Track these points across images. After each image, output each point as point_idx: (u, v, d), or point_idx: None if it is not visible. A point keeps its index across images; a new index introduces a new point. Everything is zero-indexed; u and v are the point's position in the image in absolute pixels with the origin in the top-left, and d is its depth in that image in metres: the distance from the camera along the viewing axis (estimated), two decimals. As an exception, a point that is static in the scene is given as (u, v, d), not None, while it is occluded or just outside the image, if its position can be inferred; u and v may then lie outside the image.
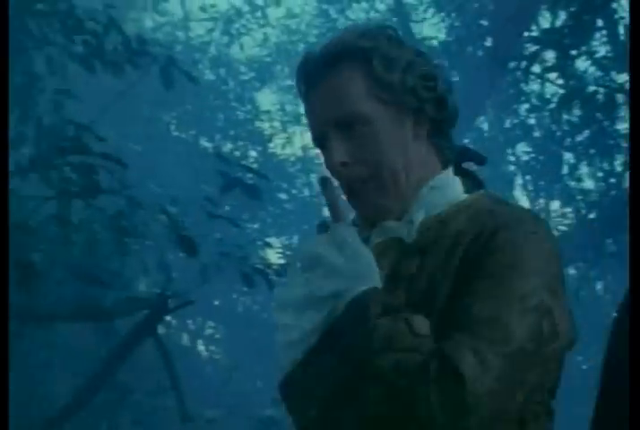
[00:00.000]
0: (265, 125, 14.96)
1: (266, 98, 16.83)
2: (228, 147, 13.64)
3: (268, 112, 15.27)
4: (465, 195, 1.76)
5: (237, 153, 13.54)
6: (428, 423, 1.51)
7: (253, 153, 14.17)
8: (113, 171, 5.51)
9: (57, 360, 7.29)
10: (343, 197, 1.78)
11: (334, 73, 1.73)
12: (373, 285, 1.63)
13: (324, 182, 1.73)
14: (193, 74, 6.58)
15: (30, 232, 5.61)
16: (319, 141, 1.76)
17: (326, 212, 1.77)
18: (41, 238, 5.79)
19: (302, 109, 1.83)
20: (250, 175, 6.56)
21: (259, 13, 15.78)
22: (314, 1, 15.51)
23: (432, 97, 1.74)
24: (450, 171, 1.79)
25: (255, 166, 11.64)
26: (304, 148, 15.18)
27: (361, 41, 1.73)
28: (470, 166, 1.85)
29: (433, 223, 1.71)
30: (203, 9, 14.89)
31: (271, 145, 14.69)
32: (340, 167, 1.71)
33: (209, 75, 14.11)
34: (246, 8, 15.58)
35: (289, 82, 15.08)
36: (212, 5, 14.92)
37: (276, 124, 15.39)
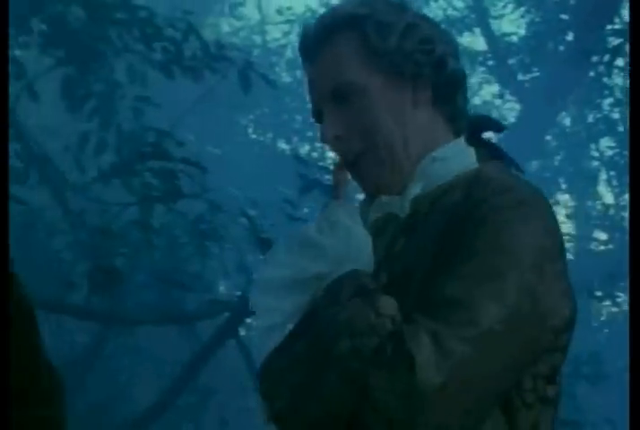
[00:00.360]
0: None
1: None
2: (305, 148, 13.68)
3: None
4: (474, 166, 1.64)
5: (315, 154, 13.57)
6: (383, 411, 1.41)
7: (330, 154, 14.19)
8: (193, 175, 5.57)
9: (141, 363, 7.38)
10: None
11: (330, 45, 1.66)
12: (358, 267, 1.53)
13: (337, 162, 1.66)
14: (270, 77, 6.63)
15: (113, 237, 5.69)
16: (317, 116, 1.69)
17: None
18: (123, 243, 5.87)
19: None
20: (328, 176, 6.57)
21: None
22: None
23: (430, 60, 1.65)
24: (460, 141, 1.67)
25: (332, 167, 11.63)
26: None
27: (356, 9, 1.67)
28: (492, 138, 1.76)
29: (427, 197, 1.61)
30: (279, 12, 14.96)
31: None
32: (334, 141, 1.64)
33: (285, 78, 14.17)
34: (322, 9, 15.61)
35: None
36: (289, 8, 14.99)
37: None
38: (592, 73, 10.16)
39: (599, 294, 10.53)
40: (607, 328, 14.01)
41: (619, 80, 10.53)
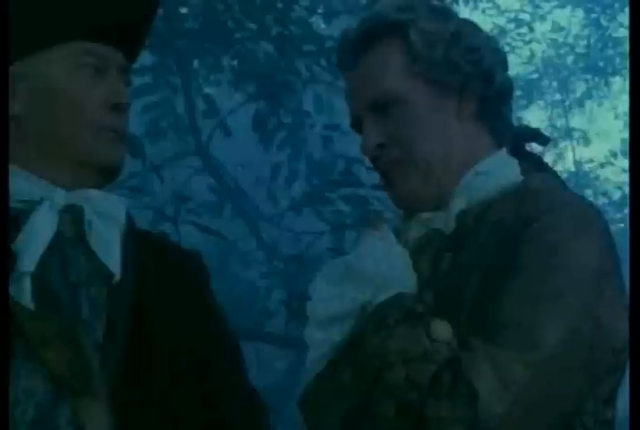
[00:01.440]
0: (533, 145, 14.76)
1: (534, 116, 16.62)
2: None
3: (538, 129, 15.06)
4: (519, 179, 1.57)
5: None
6: None
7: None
8: (385, 201, 5.60)
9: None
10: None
11: (371, 52, 1.60)
12: (401, 290, 1.47)
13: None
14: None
15: (307, 265, 5.79)
16: (356, 125, 1.63)
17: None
18: (317, 271, 5.95)
19: (572, 123, 1.74)
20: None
21: (524, 30, 15.62)
22: (581, 11, 15.18)
23: (477, 71, 1.57)
24: (502, 153, 1.60)
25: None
26: (576, 163, 14.86)
27: (397, 14, 1.58)
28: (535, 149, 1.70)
29: (473, 212, 1.55)
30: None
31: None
32: (375, 150, 1.58)
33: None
34: (510, 26, 15.46)
35: (558, 97, 14.78)
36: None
37: (546, 140, 15.17)
38: None
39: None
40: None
41: None
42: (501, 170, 1.58)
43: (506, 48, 15.24)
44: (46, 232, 1.56)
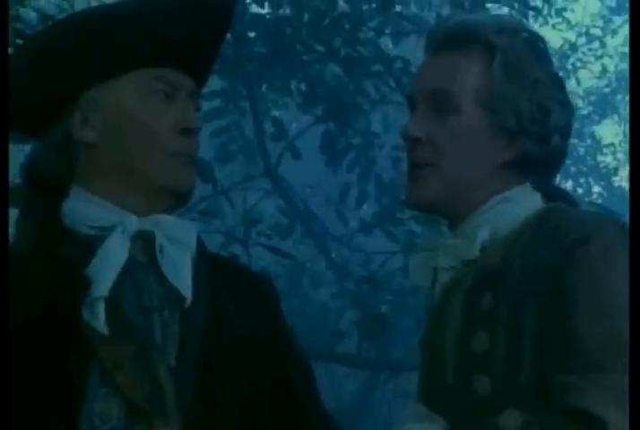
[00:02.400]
0: (609, 159, 14.59)
1: (608, 130, 16.44)
2: (569, 184, 13.43)
3: (611, 145, 14.88)
4: (541, 206, 1.58)
5: (580, 190, 13.29)
6: None
7: (596, 188, 13.86)
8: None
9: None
10: None
11: (456, 50, 1.60)
12: None
13: None
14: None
15: (378, 285, 5.79)
16: (409, 103, 1.62)
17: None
18: (389, 291, 5.96)
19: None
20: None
21: (596, 44, 15.48)
22: (652, 25, 15.00)
23: (536, 131, 1.57)
24: (527, 185, 1.60)
25: (599, 201, 11.38)
26: (651, 178, 14.64)
27: (494, 34, 1.59)
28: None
29: (502, 243, 1.55)
30: (535, 47, 14.81)
31: (616, 179, 14.29)
32: (411, 142, 1.59)
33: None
34: (581, 41, 15.33)
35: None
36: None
37: (620, 156, 14.96)
38: None
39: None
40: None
41: None
42: (526, 200, 1.59)
43: (578, 64, 15.12)
44: (118, 257, 1.58)
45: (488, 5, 6.15)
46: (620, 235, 1.49)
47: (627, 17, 15.18)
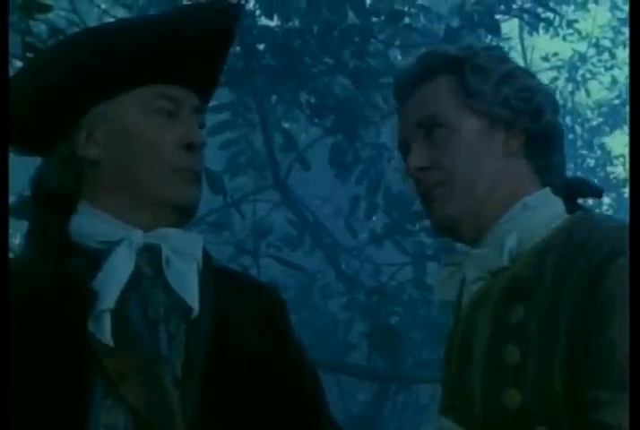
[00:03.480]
0: (619, 170, 14.57)
1: (618, 141, 16.42)
2: (580, 196, 13.42)
3: (621, 156, 14.86)
4: (566, 216, 1.59)
5: (590, 202, 13.28)
6: None
7: (607, 200, 13.84)
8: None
9: (422, 421, 7.41)
10: None
11: (425, 84, 1.65)
12: None
13: None
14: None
15: (388, 297, 5.79)
16: (402, 148, 1.67)
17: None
18: (399, 302, 5.95)
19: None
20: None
21: (606, 56, 15.47)
22: (662, 36, 14.97)
23: (526, 107, 1.62)
24: (548, 190, 1.62)
25: (610, 212, 11.35)
26: (662, 190, 14.61)
27: (457, 52, 1.66)
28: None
29: (532, 254, 1.54)
30: (545, 59, 14.81)
31: (626, 190, 14.27)
32: (417, 173, 1.61)
33: (556, 124, 13.97)
34: (591, 52, 15.32)
35: (642, 123, 14.55)
36: (555, 54, 14.82)
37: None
38: None
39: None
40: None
41: None
42: (548, 206, 1.59)
43: (588, 75, 15.12)
44: (124, 271, 1.59)
45: (498, 17, 6.16)
46: None
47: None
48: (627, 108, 15.54)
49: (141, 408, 1.52)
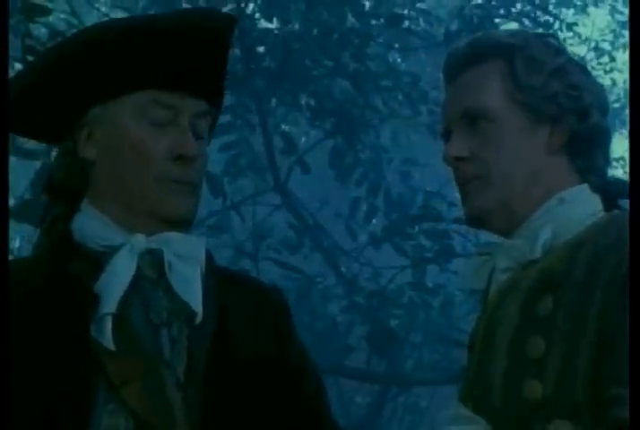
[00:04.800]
0: (619, 173, 14.58)
1: (618, 145, 16.42)
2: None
3: (621, 159, 14.87)
4: (603, 214, 1.55)
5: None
6: None
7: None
8: (466, 234, 5.59)
9: (422, 423, 7.41)
10: None
11: (475, 68, 1.61)
12: None
13: None
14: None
15: (387, 300, 5.79)
16: (445, 135, 1.63)
17: None
18: (398, 305, 5.96)
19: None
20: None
21: (605, 59, 15.48)
22: (662, 40, 14.97)
23: (574, 107, 1.57)
24: (586, 186, 1.58)
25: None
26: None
27: (509, 38, 1.61)
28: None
29: (565, 248, 1.52)
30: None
31: (626, 193, 14.29)
32: (454, 162, 1.59)
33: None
34: (590, 55, 15.34)
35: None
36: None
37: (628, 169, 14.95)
38: None
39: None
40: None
41: None
42: (585, 202, 1.57)
43: (587, 78, 15.11)
44: (125, 275, 1.58)
45: (497, 20, 6.17)
46: None
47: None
48: (627, 111, 15.55)
49: (142, 413, 1.51)
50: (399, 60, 6.83)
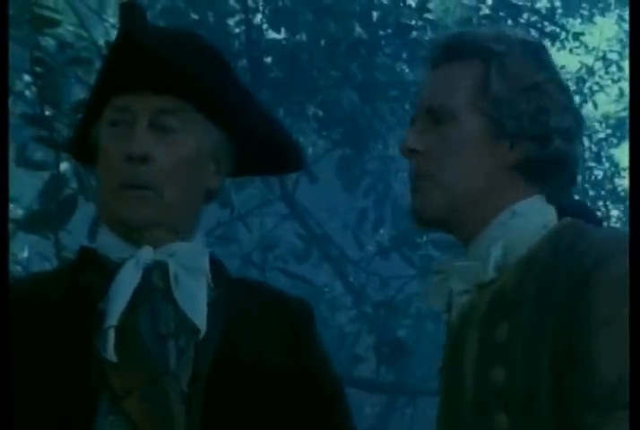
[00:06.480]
0: (627, 182, 14.54)
1: (626, 154, 16.39)
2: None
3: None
4: (554, 224, 1.51)
5: (599, 214, 13.26)
6: None
7: (615, 212, 13.82)
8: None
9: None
10: None
11: (452, 63, 1.56)
12: None
13: None
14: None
15: (395, 310, 5.79)
16: (411, 123, 1.58)
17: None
18: (406, 315, 5.95)
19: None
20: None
21: (613, 68, 15.47)
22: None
23: (536, 132, 1.51)
24: (541, 197, 1.54)
25: (618, 224, 11.34)
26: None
27: (492, 43, 1.54)
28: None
29: (517, 266, 1.47)
30: (552, 71, 14.82)
31: (634, 202, 14.24)
32: (408, 153, 1.54)
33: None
34: (598, 65, 15.33)
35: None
36: (562, 67, 14.82)
37: (638, 179, 14.90)
38: None
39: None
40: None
41: None
42: (539, 213, 1.52)
43: (595, 88, 15.11)
44: (127, 288, 1.57)
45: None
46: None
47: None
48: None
49: (143, 424, 1.51)
50: (406, 70, 6.82)
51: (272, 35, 5.75)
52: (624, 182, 14.44)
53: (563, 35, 10.24)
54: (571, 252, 1.44)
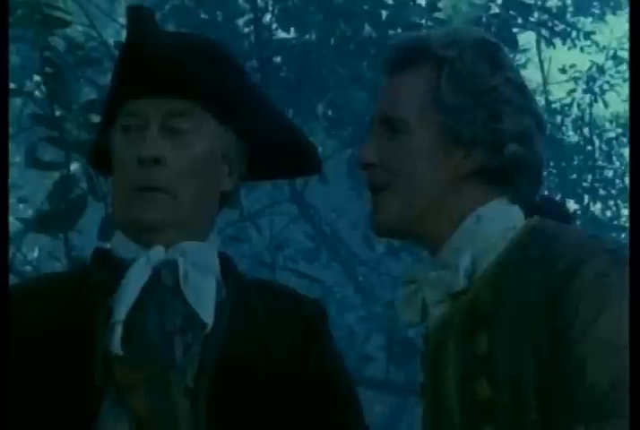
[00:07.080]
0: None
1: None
2: (597, 207, 13.37)
3: None
4: (521, 225, 1.48)
5: (609, 213, 13.24)
6: None
7: (625, 212, 13.80)
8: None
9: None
10: None
11: (405, 71, 1.53)
12: None
13: None
14: (557, 137, 6.58)
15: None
16: (368, 132, 1.57)
17: None
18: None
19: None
20: (624, 235, 6.41)
21: (624, 67, 15.44)
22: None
23: (489, 140, 1.48)
24: (504, 199, 1.51)
25: (627, 225, 11.34)
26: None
27: (442, 50, 1.51)
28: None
29: (489, 273, 1.45)
30: (562, 71, 14.80)
31: (644, 201, 14.21)
32: (364, 167, 1.53)
33: (572, 137, 13.97)
34: (609, 64, 15.30)
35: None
36: (572, 65, 14.80)
37: (649, 178, 14.87)
38: None
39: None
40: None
41: None
42: (505, 215, 1.50)
43: (606, 86, 15.09)
44: (135, 285, 1.58)
45: (515, 30, 6.16)
46: (611, 256, 1.39)
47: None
48: None
49: (145, 419, 1.52)
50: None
51: (281, 35, 5.76)
52: (634, 181, 14.40)
53: (574, 33, 10.23)
54: (544, 257, 1.42)
